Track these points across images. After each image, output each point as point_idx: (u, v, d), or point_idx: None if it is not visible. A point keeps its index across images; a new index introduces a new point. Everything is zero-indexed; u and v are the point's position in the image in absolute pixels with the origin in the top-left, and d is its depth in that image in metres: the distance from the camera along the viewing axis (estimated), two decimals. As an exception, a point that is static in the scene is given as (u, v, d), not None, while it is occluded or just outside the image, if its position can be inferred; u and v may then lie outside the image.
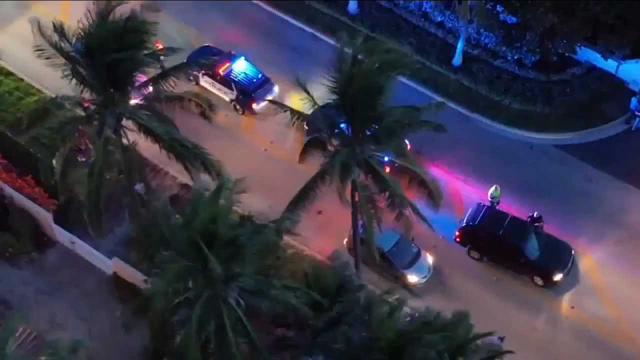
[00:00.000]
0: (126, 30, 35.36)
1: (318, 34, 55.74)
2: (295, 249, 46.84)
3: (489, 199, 47.21)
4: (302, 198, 37.59)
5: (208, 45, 53.49)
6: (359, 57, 36.58)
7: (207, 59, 48.42)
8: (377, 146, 37.66)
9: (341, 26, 55.10)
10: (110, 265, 44.57)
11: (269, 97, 50.28)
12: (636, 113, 50.17)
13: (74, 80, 37.15)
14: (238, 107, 51.41)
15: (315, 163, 39.85)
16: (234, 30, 55.33)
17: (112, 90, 37.04)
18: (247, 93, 50.85)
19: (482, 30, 51.79)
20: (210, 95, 52.16)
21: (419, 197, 40.27)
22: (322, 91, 39.22)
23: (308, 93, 37.03)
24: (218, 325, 32.50)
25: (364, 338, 33.60)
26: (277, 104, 41.83)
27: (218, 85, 51.54)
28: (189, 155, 37.90)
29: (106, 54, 34.87)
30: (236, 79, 51.08)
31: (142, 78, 38.24)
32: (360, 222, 40.66)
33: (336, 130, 37.42)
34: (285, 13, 56.29)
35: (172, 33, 54.85)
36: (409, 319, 35.60)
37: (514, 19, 50.14)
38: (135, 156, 38.92)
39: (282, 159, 49.45)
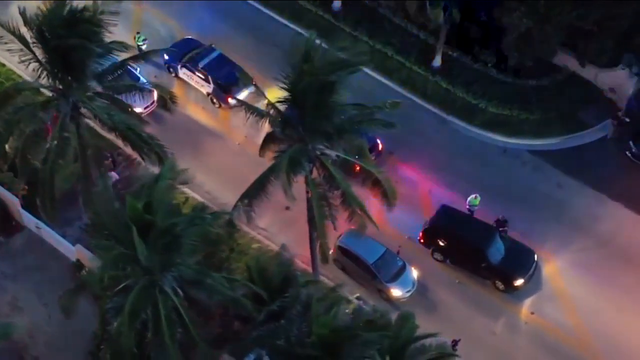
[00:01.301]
0: (79, 19, 35.52)
1: (301, 31, 55.72)
2: (260, 243, 47.13)
3: (467, 207, 47.02)
4: (253, 191, 37.63)
5: (190, 38, 53.86)
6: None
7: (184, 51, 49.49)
8: (329, 143, 37.54)
9: (324, 23, 55.53)
10: (73, 251, 44.89)
11: (246, 92, 50.38)
12: (611, 122, 49.81)
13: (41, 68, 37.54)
14: (214, 100, 51.61)
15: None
16: (218, 24, 55.60)
17: (69, 78, 37.26)
18: (223, 87, 51.00)
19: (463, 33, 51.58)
20: (188, 87, 52.80)
21: (374, 196, 40.07)
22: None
23: (259, 89, 37.07)
24: (153, 314, 32.63)
25: (301, 334, 33.65)
26: (237, 100, 41.86)
27: (196, 78, 51.83)
28: (143, 145, 38.12)
29: (57, 40, 35.16)
30: (213, 73, 51.21)
31: None
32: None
33: (288, 127, 37.33)
34: (270, 9, 56.53)
35: (156, 25, 55.64)
36: (350, 316, 35.53)
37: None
38: (92, 144, 39.07)
39: (255, 154, 49.22)
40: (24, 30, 37.07)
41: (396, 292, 44.86)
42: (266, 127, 40.31)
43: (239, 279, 34.94)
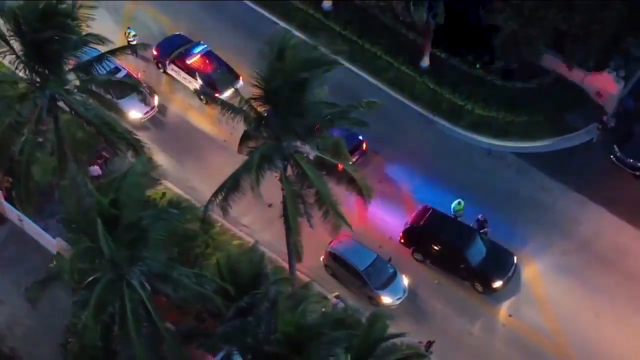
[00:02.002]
0: (55, 11, 35.74)
1: (292, 30, 55.80)
2: (241, 240, 47.27)
3: (452, 212, 47.02)
4: (227, 187, 37.72)
5: (179, 34, 54.06)
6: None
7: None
8: (303, 141, 37.63)
9: (315, 23, 55.67)
10: (54, 244, 45.13)
11: (233, 89, 50.41)
12: (596, 125, 49.76)
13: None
14: (202, 96, 51.73)
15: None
16: (210, 22, 55.75)
17: (46, 71, 37.50)
18: (210, 83, 51.14)
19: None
20: (176, 83, 53.00)
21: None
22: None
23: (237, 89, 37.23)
24: (120, 307, 32.84)
25: (269, 331, 33.78)
26: (215, 96, 42.01)
27: (183, 74, 51.99)
28: (117, 140, 38.32)
29: (32, 33, 35.39)
30: (201, 69, 51.38)
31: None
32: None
33: (262, 124, 37.44)
34: (262, 7, 56.63)
35: (147, 21, 55.90)
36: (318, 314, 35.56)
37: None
38: (70, 137, 39.29)
39: (241, 151, 49.76)
40: (0, 23, 37.26)
41: (386, 299, 44.59)
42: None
43: (208, 275, 34.92)
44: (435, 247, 45.88)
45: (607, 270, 46.10)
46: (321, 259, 46.13)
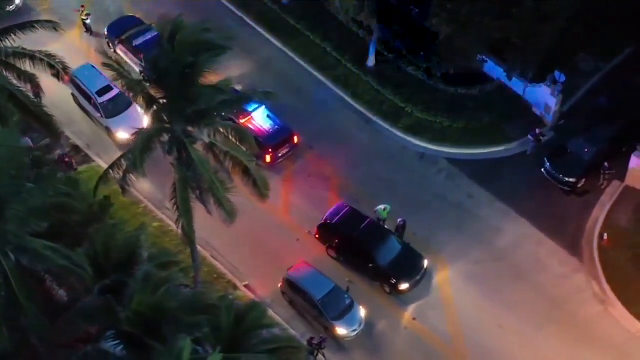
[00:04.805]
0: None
1: (248, 20, 56.53)
2: (162, 222, 47.85)
3: (376, 216, 47.07)
4: (119, 167, 38.24)
5: (132, 16, 54.86)
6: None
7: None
8: (195, 126, 38.00)
9: (271, 14, 56.14)
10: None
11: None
12: (530, 138, 49.44)
13: None
14: (146, 77, 52.23)
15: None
16: (168, 6, 55.90)
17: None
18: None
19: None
20: (124, 64, 53.63)
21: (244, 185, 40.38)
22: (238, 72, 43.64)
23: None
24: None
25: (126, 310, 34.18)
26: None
27: (130, 55, 52.69)
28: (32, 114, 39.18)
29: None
30: (146, 50, 51.97)
31: None
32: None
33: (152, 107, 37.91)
34: (222, -5, 57.16)
35: (106, 2, 56.48)
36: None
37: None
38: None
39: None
40: None
41: (342, 330, 43.87)
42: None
43: (80, 250, 35.37)
44: (347, 245, 45.91)
45: (518, 283, 45.82)
46: (279, 285, 45.76)
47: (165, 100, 37.72)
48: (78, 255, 35.13)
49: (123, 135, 49.15)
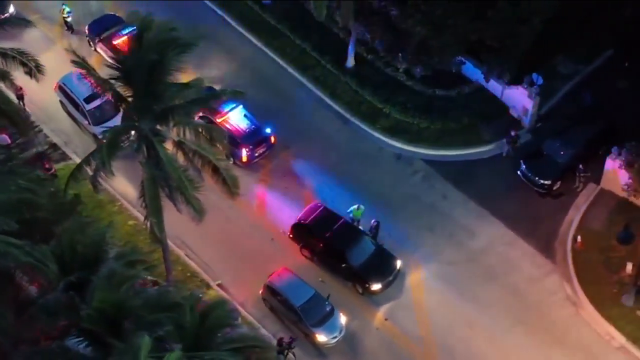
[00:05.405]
0: None
1: (228, 19, 56.67)
2: (137, 221, 47.90)
3: (349, 216, 47.15)
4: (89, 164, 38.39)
5: (112, 14, 55.04)
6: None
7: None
8: (162, 124, 38.12)
9: (252, 15, 56.25)
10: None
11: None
12: (504, 140, 49.50)
13: None
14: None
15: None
16: (149, 6, 56.03)
17: None
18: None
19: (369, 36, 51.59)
20: (104, 61, 53.74)
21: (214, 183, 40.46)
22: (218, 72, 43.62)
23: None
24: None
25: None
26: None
27: (109, 53, 52.78)
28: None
29: None
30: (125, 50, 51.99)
31: None
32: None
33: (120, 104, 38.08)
34: (203, -5, 57.28)
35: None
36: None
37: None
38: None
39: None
40: None
41: (321, 337, 43.68)
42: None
43: (46, 247, 35.46)
44: (320, 245, 46.02)
45: (491, 284, 45.90)
46: (260, 292, 45.72)
47: (132, 98, 37.72)
48: (42, 252, 35.19)
49: None
